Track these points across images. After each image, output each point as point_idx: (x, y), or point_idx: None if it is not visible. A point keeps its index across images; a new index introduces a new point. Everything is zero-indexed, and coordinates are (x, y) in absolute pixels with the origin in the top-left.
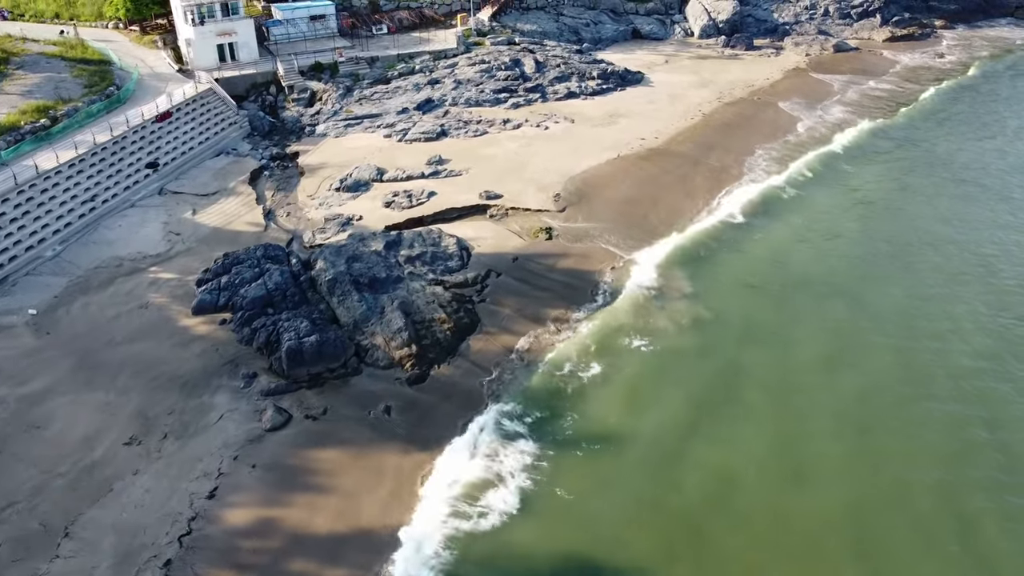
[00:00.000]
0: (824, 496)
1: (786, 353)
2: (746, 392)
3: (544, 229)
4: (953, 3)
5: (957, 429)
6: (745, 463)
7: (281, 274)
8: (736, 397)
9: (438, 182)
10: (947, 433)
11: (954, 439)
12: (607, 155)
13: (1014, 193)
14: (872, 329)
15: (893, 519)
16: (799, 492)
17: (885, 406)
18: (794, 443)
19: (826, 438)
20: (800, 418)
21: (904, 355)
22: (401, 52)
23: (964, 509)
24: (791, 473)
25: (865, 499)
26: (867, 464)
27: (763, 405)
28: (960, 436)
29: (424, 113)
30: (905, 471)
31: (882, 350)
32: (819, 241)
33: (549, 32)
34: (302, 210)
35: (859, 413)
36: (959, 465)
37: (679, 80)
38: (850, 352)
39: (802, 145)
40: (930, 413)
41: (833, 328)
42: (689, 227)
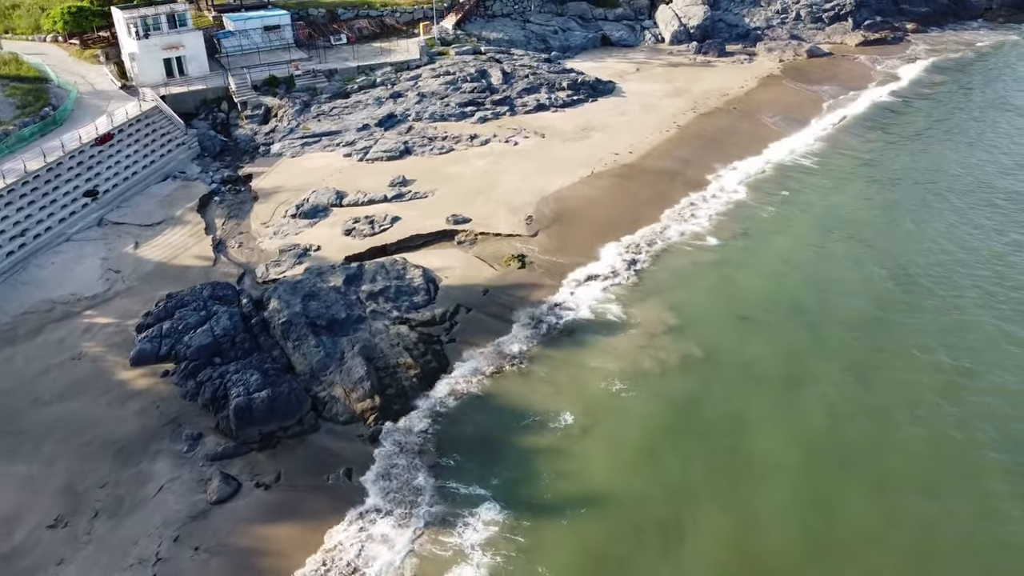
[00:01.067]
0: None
1: (787, 395)
2: (747, 442)
3: (516, 257)
4: (923, 6)
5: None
6: (763, 532)
7: (230, 317)
8: (737, 447)
9: (402, 205)
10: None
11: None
12: (580, 172)
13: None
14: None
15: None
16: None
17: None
18: (818, 507)
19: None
20: (821, 475)
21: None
22: (361, 64)
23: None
24: (816, 548)
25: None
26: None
27: (771, 456)
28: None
29: (386, 129)
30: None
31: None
32: (806, 264)
33: (516, 40)
34: (255, 240)
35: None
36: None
37: (652, 89)
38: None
39: (785, 158)
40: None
41: (798, 352)
42: (669, 251)
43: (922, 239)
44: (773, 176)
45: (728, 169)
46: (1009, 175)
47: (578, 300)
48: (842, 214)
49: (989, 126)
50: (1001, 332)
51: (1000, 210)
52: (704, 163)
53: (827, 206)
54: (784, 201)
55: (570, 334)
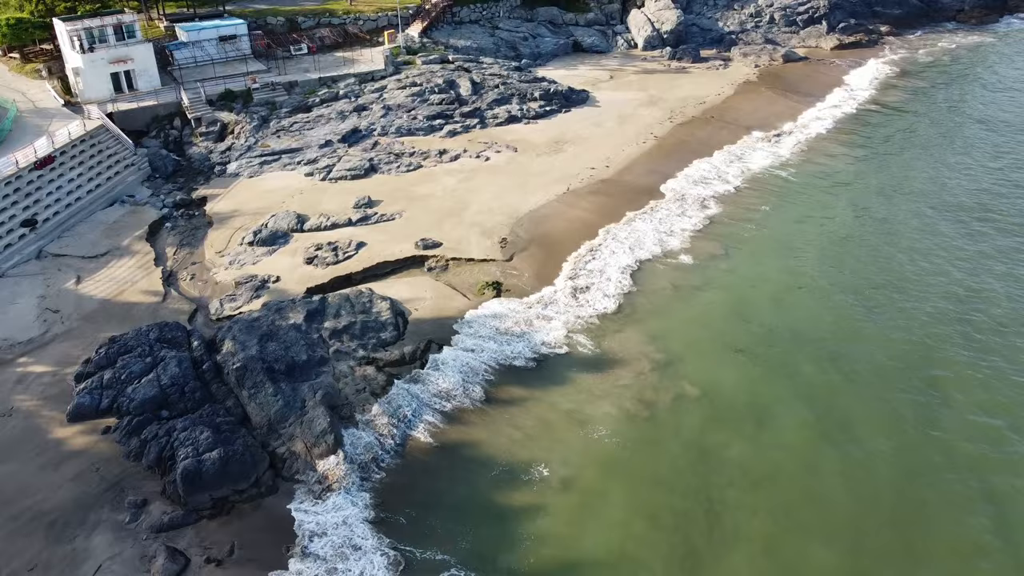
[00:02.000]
0: None
1: (800, 447)
2: (756, 500)
3: (490, 284)
4: (896, 8)
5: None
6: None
7: (179, 363)
8: (744, 505)
9: (368, 230)
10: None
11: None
12: (556, 189)
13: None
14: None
15: None
16: None
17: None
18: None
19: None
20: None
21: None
22: (323, 75)
23: None
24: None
25: None
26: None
27: (786, 518)
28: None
29: (350, 145)
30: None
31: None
32: (797, 288)
33: (485, 48)
34: (209, 271)
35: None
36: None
37: (626, 98)
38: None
39: (763, 171)
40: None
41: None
42: (648, 273)
43: (917, 258)
44: (752, 189)
45: (707, 182)
46: (982, 189)
47: (555, 331)
48: (830, 231)
49: (970, 140)
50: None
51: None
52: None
53: (813, 222)
54: (764, 217)
55: (548, 371)
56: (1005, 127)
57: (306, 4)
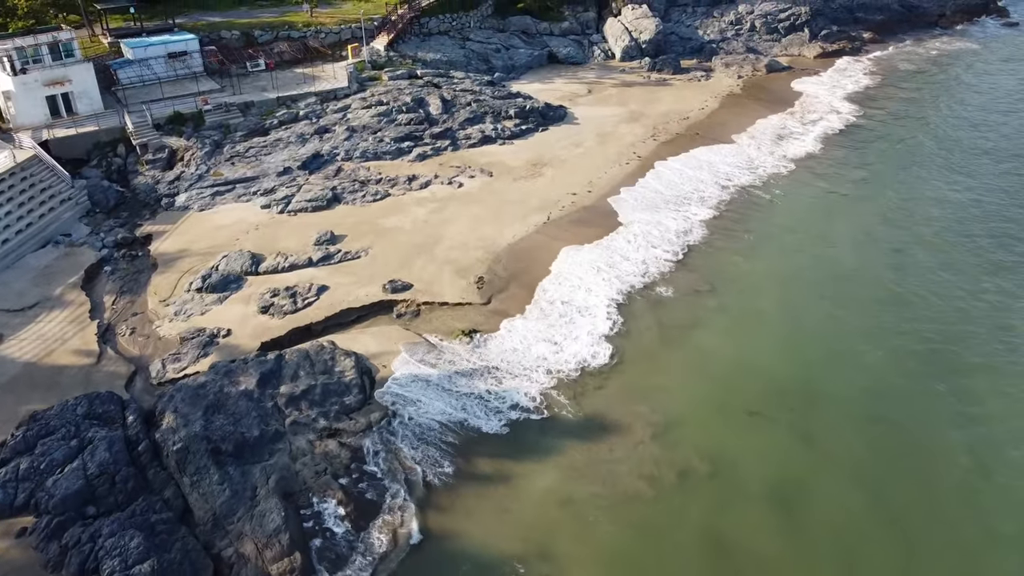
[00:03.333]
0: None
1: (803, 525)
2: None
3: (466, 333)
4: (878, 14)
5: None
6: None
7: (110, 446)
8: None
9: (330, 270)
10: None
11: None
12: (535, 218)
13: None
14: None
15: None
16: None
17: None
18: None
19: None
20: None
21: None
22: (282, 95)
23: None
24: None
25: None
26: None
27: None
28: None
29: (311, 173)
30: None
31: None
32: (802, 331)
33: (456, 61)
34: (152, 324)
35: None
36: None
37: (606, 114)
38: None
39: (749, 192)
40: None
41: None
42: (635, 316)
43: (933, 295)
44: (737, 213)
45: (689, 202)
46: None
47: (538, 386)
48: (828, 261)
49: (970, 154)
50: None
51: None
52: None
53: (807, 251)
54: (751, 246)
55: (523, 439)
56: (1004, 140)
57: (263, 16)
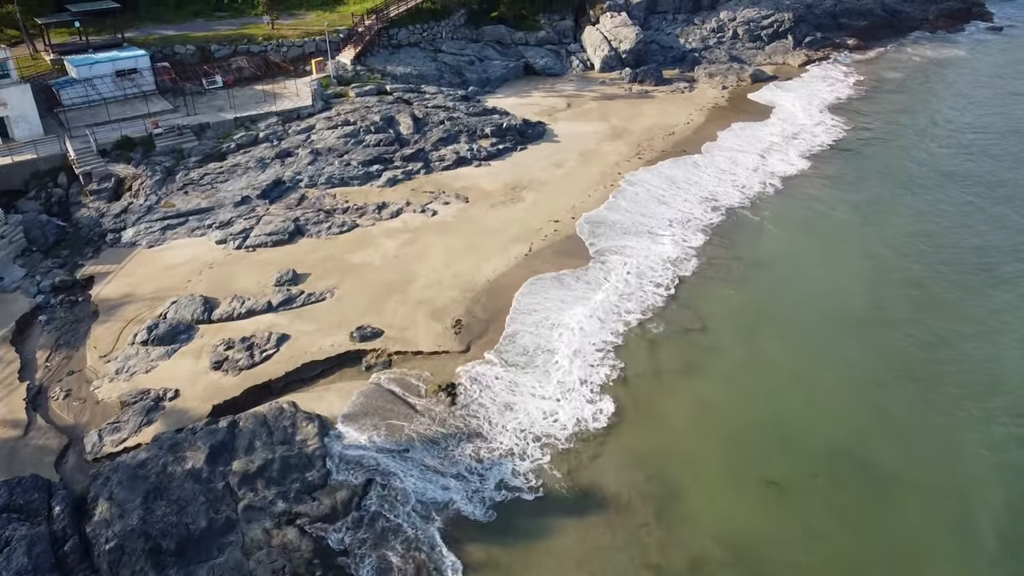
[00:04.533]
0: None
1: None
2: None
3: (444, 387)
4: (862, 19)
5: None
6: None
7: (30, 548)
8: None
9: (292, 316)
10: None
11: None
12: (516, 250)
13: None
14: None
15: None
16: None
17: None
18: None
19: None
20: None
21: None
22: (240, 115)
23: None
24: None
25: None
26: None
27: None
28: None
29: (272, 202)
30: None
31: None
32: (805, 379)
33: (427, 74)
34: (90, 385)
35: None
36: None
37: (587, 131)
38: None
39: (738, 214)
40: None
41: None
42: (626, 362)
43: (953, 334)
44: (727, 238)
45: (682, 231)
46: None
47: (529, 462)
48: (829, 295)
49: (970, 173)
50: None
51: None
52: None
53: (805, 282)
54: (744, 276)
55: (510, 525)
56: (1001, 157)
57: (221, 29)
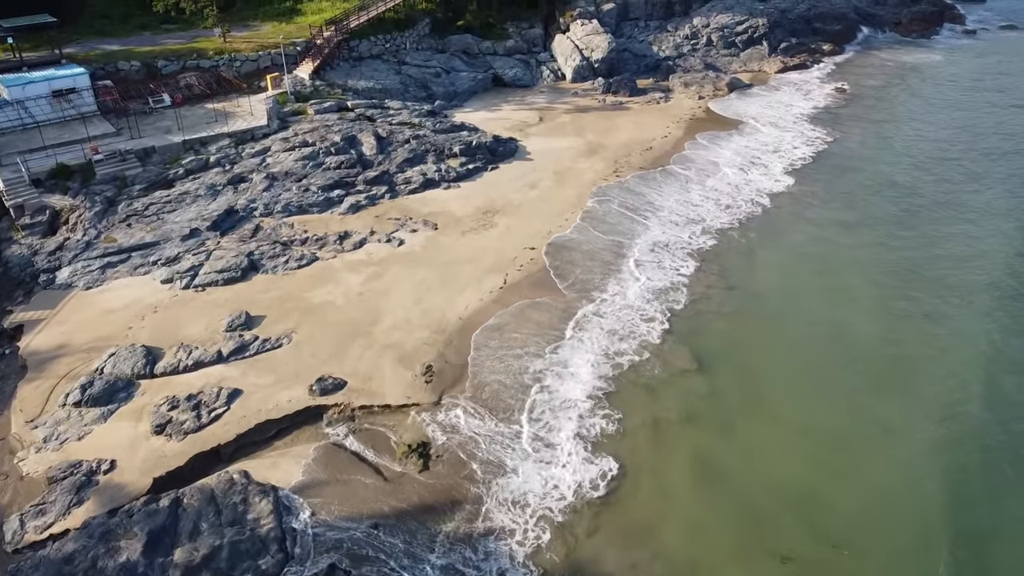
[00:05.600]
0: None
1: None
2: None
3: (415, 448)
4: (835, 23)
5: None
6: None
7: None
8: None
9: (245, 367)
10: None
11: None
12: (490, 282)
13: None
14: None
15: None
16: None
17: None
18: None
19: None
20: None
21: None
22: (189, 137)
23: None
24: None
25: None
26: None
27: None
28: None
29: (224, 233)
30: None
31: None
32: (818, 429)
33: (391, 88)
34: (14, 457)
35: None
36: None
37: (561, 146)
38: None
39: (726, 238)
40: None
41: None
42: (619, 410)
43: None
44: (715, 265)
45: (670, 258)
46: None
47: (526, 547)
48: (827, 326)
49: (969, 196)
50: None
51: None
52: (631, 247)
53: (800, 314)
54: (739, 309)
55: None
56: (991, 168)
57: (169, 43)
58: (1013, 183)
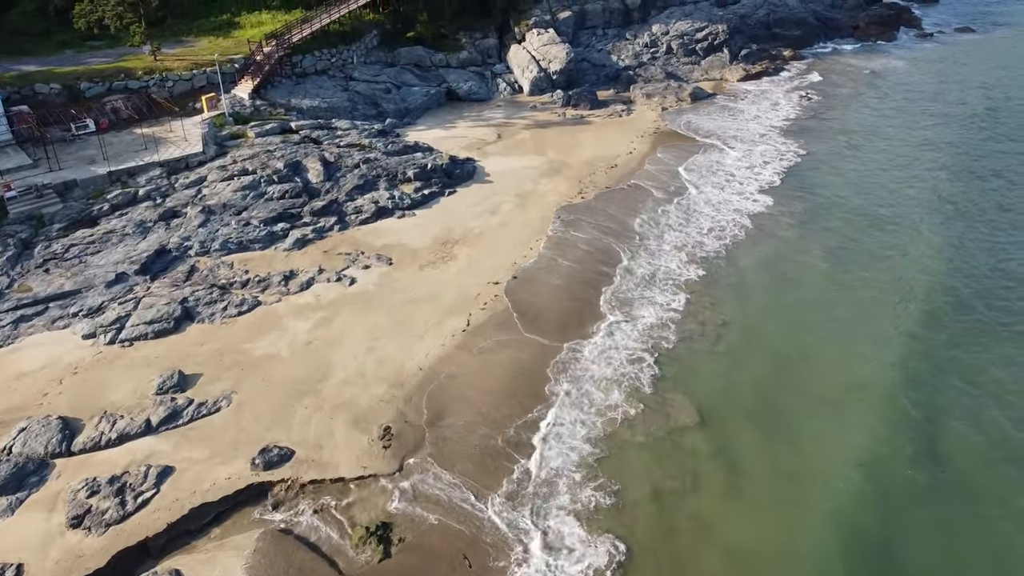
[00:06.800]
0: None
1: None
2: None
3: (373, 531)
4: (795, 29)
5: None
6: None
7: None
8: None
9: (177, 437)
10: None
11: None
12: (452, 325)
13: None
14: None
15: None
16: None
17: None
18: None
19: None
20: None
21: None
22: (116, 168)
23: None
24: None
25: None
26: None
27: None
28: None
29: (154, 277)
30: None
31: None
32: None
33: (338, 107)
34: None
35: None
36: None
37: (523, 166)
38: None
39: (711, 264)
40: None
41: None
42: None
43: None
44: (711, 297)
45: (660, 294)
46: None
47: None
48: (827, 362)
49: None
50: None
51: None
52: (608, 278)
53: (801, 350)
54: (732, 349)
55: None
56: (973, 184)
57: (93, 62)
58: (984, 190)
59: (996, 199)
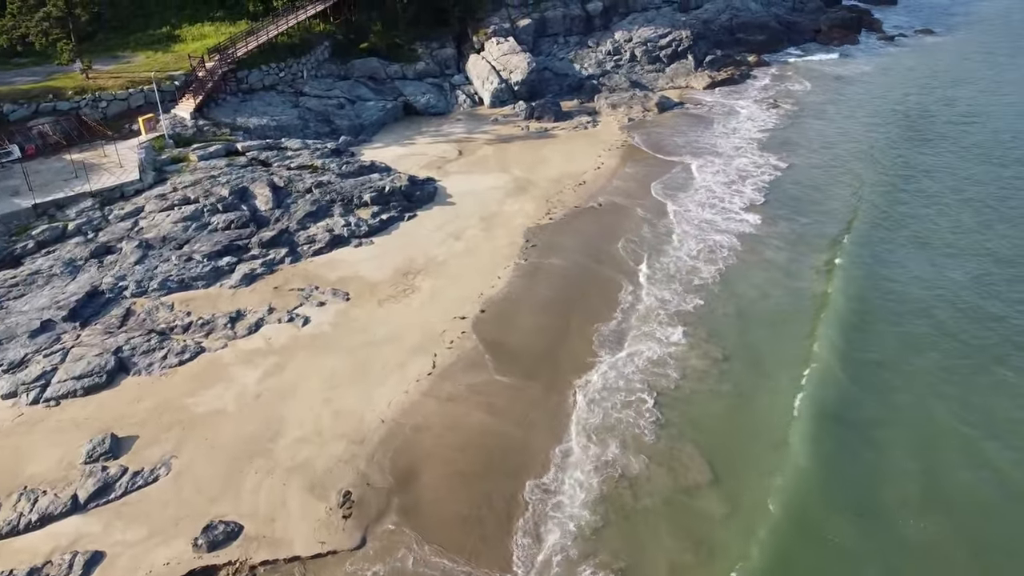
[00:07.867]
0: None
1: None
2: None
3: None
4: (759, 33)
5: None
6: None
7: None
8: None
9: (109, 515)
10: None
11: None
12: (417, 367)
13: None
14: None
15: None
16: None
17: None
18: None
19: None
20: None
21: None
22: (42, 200)
23: None
24: None
25: None
26: None
27: None
28: None
29: (85, 323)
30: None
31: None
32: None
33: (288, 125)
34: None
35: None
36: None
37: (486, 186)
38: None
39: (709, 292)
40: None
41: None
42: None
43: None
44: (707, 329)
45: (654, 327)
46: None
47: None
48: (835, 399)
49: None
50: None
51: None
52: (592, 306)
53: (803, 387)
54: (736, 388)
55: None
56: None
57: (18, 82)
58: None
59: (975, 193)
